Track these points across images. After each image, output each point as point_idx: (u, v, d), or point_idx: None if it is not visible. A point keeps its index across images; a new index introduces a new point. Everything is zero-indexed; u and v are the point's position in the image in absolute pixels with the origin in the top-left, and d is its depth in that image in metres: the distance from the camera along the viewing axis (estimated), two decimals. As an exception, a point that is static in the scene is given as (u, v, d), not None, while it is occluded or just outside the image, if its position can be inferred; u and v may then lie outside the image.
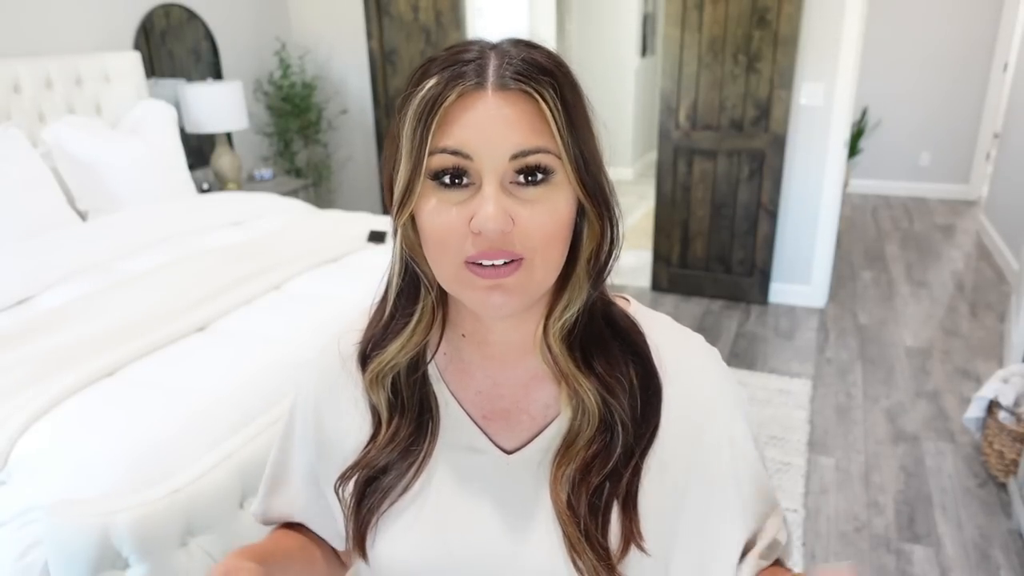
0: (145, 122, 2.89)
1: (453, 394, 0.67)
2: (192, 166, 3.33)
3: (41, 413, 1.43)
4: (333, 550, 0.82)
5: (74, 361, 1.60)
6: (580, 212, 0.60)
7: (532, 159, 0.55)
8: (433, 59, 0.57)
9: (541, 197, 0.56)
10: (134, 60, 3.09)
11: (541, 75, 0.55)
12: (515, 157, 0.55)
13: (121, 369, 1.63)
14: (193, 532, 1.31)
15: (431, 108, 0.54)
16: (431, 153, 0.55)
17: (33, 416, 1.42)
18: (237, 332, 1.84)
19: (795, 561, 2.02)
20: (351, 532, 0.67)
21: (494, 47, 0.57)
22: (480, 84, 0.54)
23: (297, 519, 0.79)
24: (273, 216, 2.81)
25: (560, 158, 0.56)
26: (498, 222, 0.54)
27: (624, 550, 0.61)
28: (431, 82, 0.55)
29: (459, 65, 0.55)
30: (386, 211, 0.60)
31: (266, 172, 3.73)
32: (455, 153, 0.54)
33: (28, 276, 2.04)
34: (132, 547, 1.22)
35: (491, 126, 0.54)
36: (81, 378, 1.53)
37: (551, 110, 0.55)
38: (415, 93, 0.56)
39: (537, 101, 0.55)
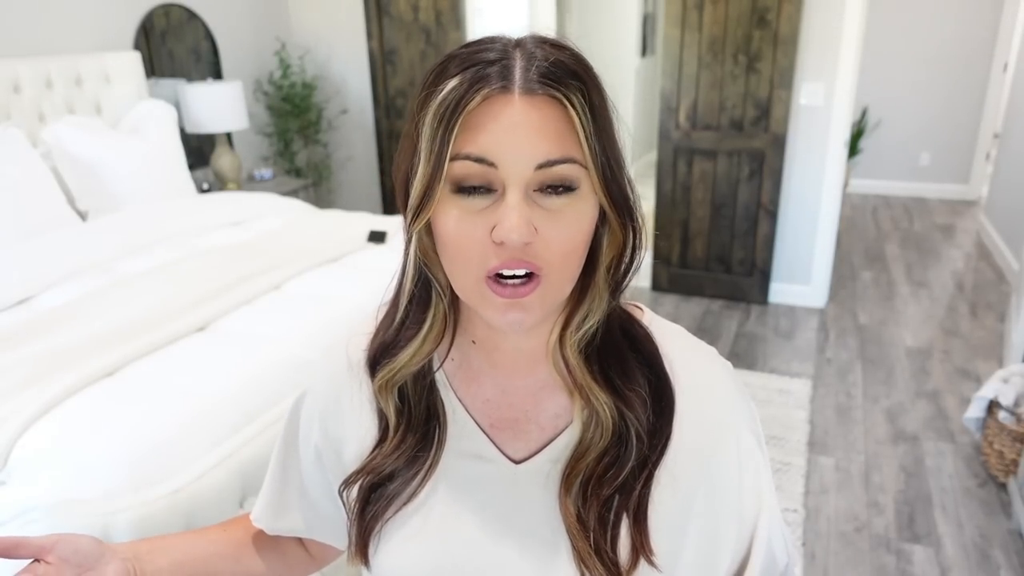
0: (145, 122, 2.89)
1: (461, 401, 0.66)
2: (192, 166, 3.33)
3: (41, 413, 1.43)
4: (303, 550, 0.82)
5: (74, 361, 1.60)
6: (600, 219, 0.58)
7: (558, 170, 0.53)
8: (452, 56, 0.55)
9: (565, 207, 0.54)
10: (134, 60, 3.09)
11: (569, 79, 0.53)
12: (541, 167, 0.52)
13: (121, 369, 1.63)
14: (193, 532, 1.31)
15: (453, 111, 0.52)
16: (452, 159, 0.52)
17: (33, 416, 1.42)
18: (237, 332, 1.84)
19: (794, 561, 2.02)
20: (353, 538, 0.66)
21: (518, 45, 0.54)
22: (506, 88, 0.52)
23: (301, 531, 0.78)
24: (273, 216, 2.81)
25: (586, 167, 0.54)
26: (522, 233, 0.52)
27: (634, 563, 0.59)
28: (452, 83, 0.52)
29: (482, 66, 0.52)
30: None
31: (266, 172, 3.73)
32: (479, 160, 0.52)
33: (28, 276, 2.04)
34: (132, 547, 1.21)
35: (517, 133, 0.52)
36: (81, 378, 1.53)
37: (579, 116, 0.52)
38: (435, 94, 0.53)
39: (565, 107, 0.52)
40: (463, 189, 0.53)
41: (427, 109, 0.53)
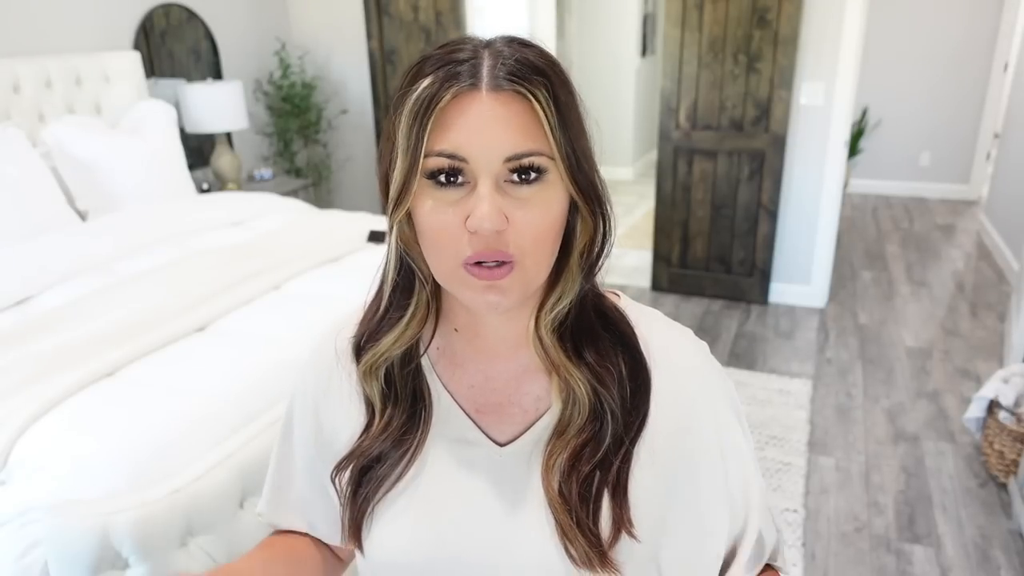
0: (145, 122, 2.89)
1: (445, 387, 0.68)
2: (192, 166, 3.33)
3: (41, 413, 1.43)
4: (331, 551, 0.83)
5: (74, 361, 1.60)
6: (573, 207, 0.61)
7: (526, 161, 0.56)
8: (427, 57, 0.58)
9: (534, 196, 0.57)
10: (134, 60, 3.09)
11: (535, 75, 0.56)
12: (509, 160, 0.55)
13: (121, 369, 1.63)
14: (193, 532, 1.31)
15: (426, 109, 0.55)
16: (427, 155, 0.56)
17: (33, 416, 1.42)
18: (237, 332, 1.84)
19: (795, 561, 2.02)
20: (347, 522, 0.68)
21: (487, 45, 0.58)
22: (474, 85, 0.55)
23: (303, 528, 0.80)
24: (273, 216, 2.81)
25: (553, 158, 0.57)
26: (493, 221, 0.55)
27: (615, 536, 0.62)
28: (425, 82, 0.55)
29: (453, 65, 0.56)
30: (386, 211, 0.61)
31: (266, 172, 3.73)
32: (451, 156, 0.55)
33: (28, 276, 2.04)
34: (132, 547, 1.21)
35: (486, 128, 0.55)
36: (81, 378, 1.53)
37: (544, 111, 0.55)
38: (410, 93, 0.56)
39: (531, 102, 0.55)
40: (438, 182, 0.57)
41: (403, 107, 0.57)
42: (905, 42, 5.70)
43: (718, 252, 3.82)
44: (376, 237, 2.56)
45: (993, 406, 2.35)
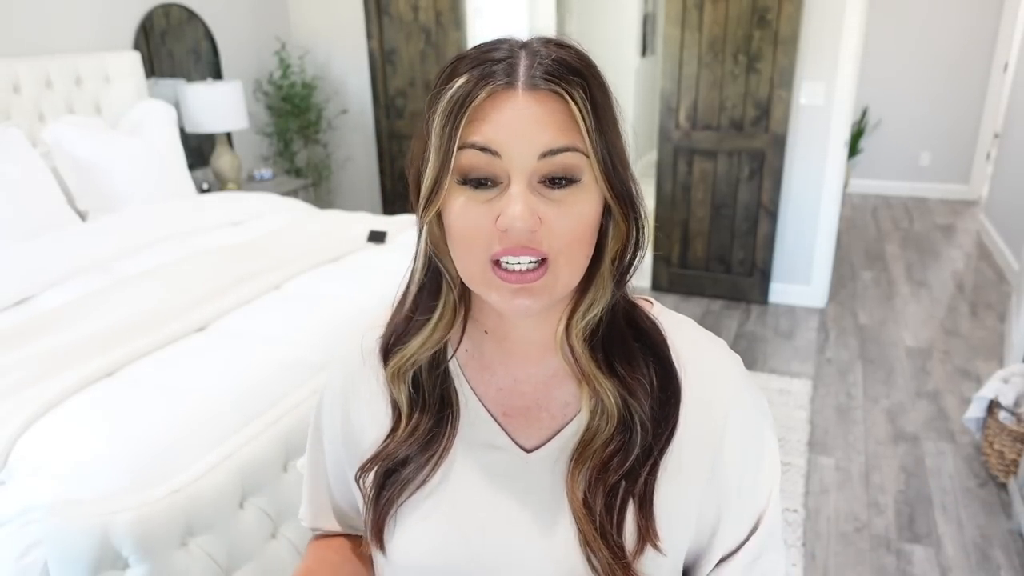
0: (145, 122, 2.89)
1: (474, 390, 0.68)
2: (192, 166, 3.33)
3: (41, 413, 1.43)
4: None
5: (74, 361, 1.60)
6: (606, 212, 0.60)
7: (560, 159, 0.55)
8: (462, 57, 0.57)
9: (568, 198, 0.56)
10: (134, 60, 3.09)
11: (571, 75, 0.55)
12: (544, 156, 0.54)
13: (121, 369, 1.62)
14: (193, 532, 1.31)
15: (460, 106, 0.54)
16: (459, 148, 0.55)
17: (33, 416, 1.42)
18: (237, 332, 1.84)
19: (794, 561, 2.02)
20: (369, 523, 0.68)
21: (524, 46, 0.57)
22: (510, 84, 0.54)
23: (341, 529, 0.80)
24: (273, 216, 2.81)
25: (588, 157, 0.56)
26: (526, 221, 0.54)
27: (640, 549, 0.61)
28: (460, 80, 0.55)
29: (488, 64, 0.55)
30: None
31: (266, 172, 3.73)
32: (483, 149, 0.54)
33: (28, 276, 2.04)
34: (132, 547, 1.21)
35: (520, 124, 0.54)
36: (81, 378, 1.53)
37: (580, 111, 0.55)
38: (444, 91, 0.56)
39: (567, 101, 0.55)
40: (470, 181, 0.55)
41: (437, 106, 0.56)
42: (905, 42, 5.70)
43: (718, 252, 3.82)
44: (376, 237, 2.56)
45: (993, 406, 2.35)
